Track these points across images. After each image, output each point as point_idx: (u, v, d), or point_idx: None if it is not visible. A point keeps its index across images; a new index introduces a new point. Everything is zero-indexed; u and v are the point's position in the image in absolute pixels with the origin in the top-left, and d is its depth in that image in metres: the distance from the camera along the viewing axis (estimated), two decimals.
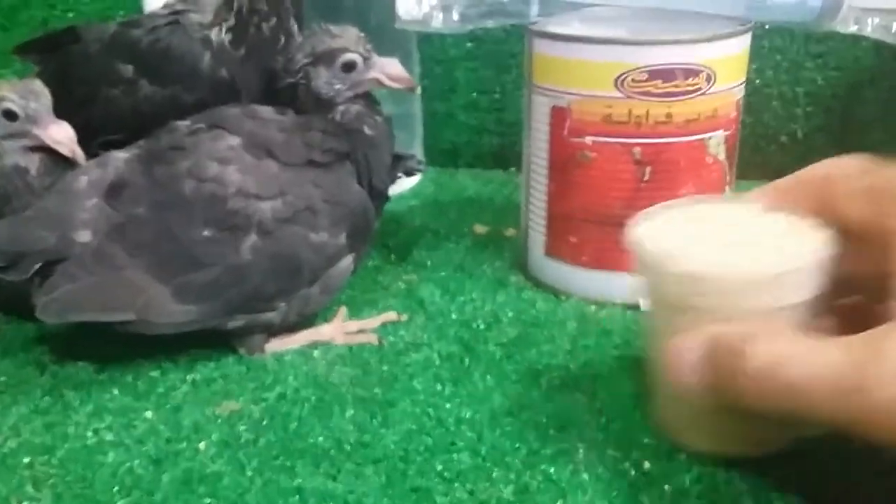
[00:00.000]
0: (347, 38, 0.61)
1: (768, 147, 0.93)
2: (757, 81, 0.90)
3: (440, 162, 1.05)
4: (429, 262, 0.77)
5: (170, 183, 0.57)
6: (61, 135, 0.62)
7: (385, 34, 0.93)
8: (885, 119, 0.89)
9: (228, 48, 0.65)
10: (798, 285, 0.42)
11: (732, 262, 0.42)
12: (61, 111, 0.64)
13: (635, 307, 0.66)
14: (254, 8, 0.65)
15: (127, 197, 0.57)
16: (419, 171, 0.78)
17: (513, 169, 1.03)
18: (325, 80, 0.61)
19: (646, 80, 0.61)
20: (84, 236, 0.56)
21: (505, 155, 1.04)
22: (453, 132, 1.05)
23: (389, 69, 0.62)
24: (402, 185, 0.93)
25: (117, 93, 0.67)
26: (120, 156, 0.60)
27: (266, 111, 0.61)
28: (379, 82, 0.62)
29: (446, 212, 0.90)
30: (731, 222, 0.47)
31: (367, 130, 0.62)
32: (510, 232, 0.82)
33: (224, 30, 0.65)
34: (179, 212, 0.57)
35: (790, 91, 0.91)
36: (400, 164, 0.74)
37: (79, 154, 0.62)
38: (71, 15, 0.85)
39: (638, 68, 0.61)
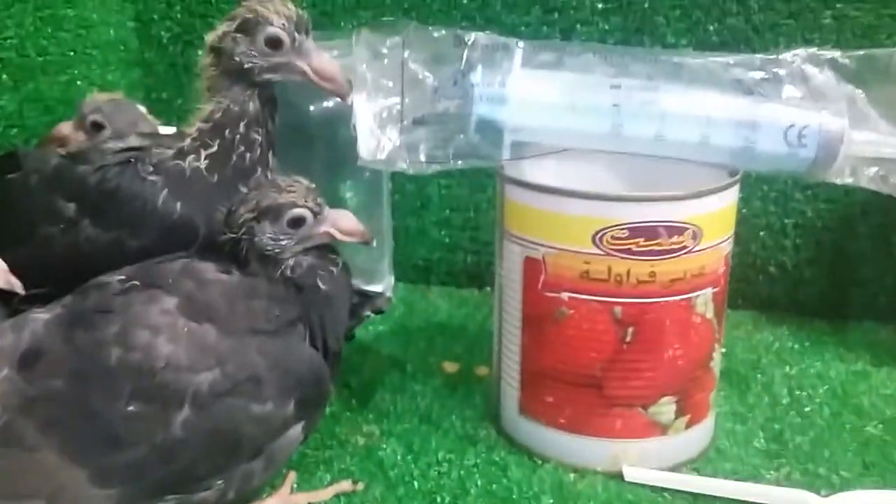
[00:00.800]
0: (297, 192, 0.55)
1: (756, 277, 0.89)
2: (744, 210, 0.85)
3: (411, 278, 1.00)
4: (392, 409, 0.71)
5: (93, 351, 0.50)
6: None
7: (354, 153, 0.89)
8: (877, 253, 0.85)
9: (199, 176, 0.59)
10: None
11: None
12: None
13: (617, 476, 0.60)
14: (248, 138, 0.60)
15: (42, 367, 0.50)
16: (385, 309, 0.72)
17: (488, 288, 0.98)
18: (270, 236, 0.55)
19: (626, 238, 0.56)
20: None
21: (480, 274, 0.98)
22: (425, 248, 1.00)
23: (342, 223, 0.57)
24: None
25: (55, 231, 0.60)
26: (39, 317, 0.53)
27: (209, 270, 0.55)
28: (330, 236, 0.57)
29: (415, 341, 0.84)
30: None
31: (321, 285, 0.56)
32: (482, 371, 0.76)
33: (203, 156, 0.60)
34: (102, 384, 0.50)
35: (778, 222, 0.86)
36: (368, 303, 0.68)
37: (15, 284, 0.56)
38: (15, 131, 0.79)
39: (618, 225, 0.56)
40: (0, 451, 0.48)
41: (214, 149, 0.60)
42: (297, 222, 0.55)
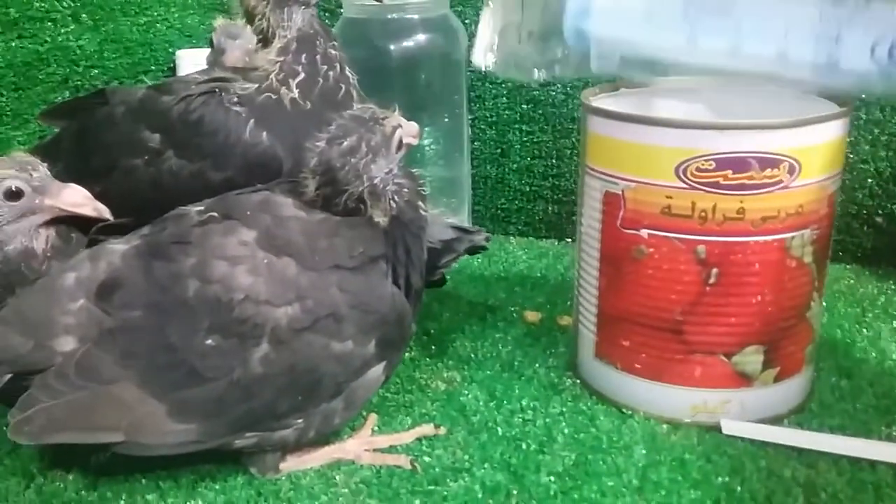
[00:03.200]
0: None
1: (861, 228, 0.83)
2: (851, 156, 0.80)
3: (489, 228, 0.97)
4: (473, 357, 0.68)
5: (170, 283, 0.49)
6: (77, 197, 0.55)
7: (434, 97, 0.87)
8: None
9: (292, 106, 0.59)
10: None
11: None
12: (77, 180, 0.57)
13: (715, 429, 0.57)
14: (328, 55, 0.60)
15: (120, 299, 0.49)
16: (485, 248, 0.70)
17: (568, 240, 0.94)
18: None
19: (713, 170, 0.52)
20: (66, 344, 0.49)
21: (561, 224, 0.95)
22: (505, 197, 0.97)
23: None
24: None
25: (139, 163, 0.60)
26: (116, 248, 0.52)
27: (287, 205, 0.53)
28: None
29: (495, 290, 0.82)
30: None
31: (419, 219, 0.54)
32: (565, 320, 0.73)
33: (294, 85, 0.59)
34: (179, 317, 0.49)
35: (889, 168, 0.80)
36: (466, 238, 0.66)
37: (103, 210, 0.56)
38: (95, 72, 0.79)
39: (703, 155, 0.52)
40: (77, 382, 0.48)
41: (302, 75, 0.59)
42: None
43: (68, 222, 0.57)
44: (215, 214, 0.52)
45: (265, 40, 0.61)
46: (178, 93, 0.59)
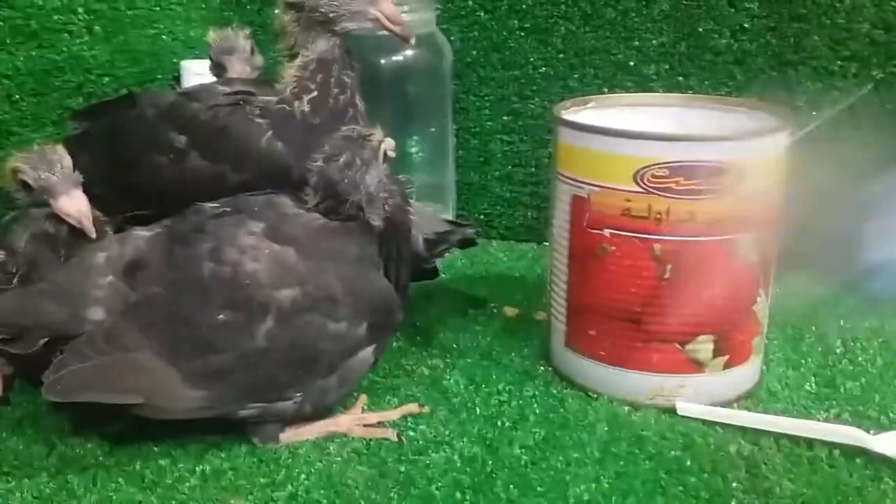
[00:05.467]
0: None
1: None
2: None
3: None
4: (455, 346, 0.74)
5: (188, 264, 0.56)
6: (71, 207, 0.60)
7: (421, 108, 0.93)
8: None
9: (303, 119, 0.65)
10: None
11: None
12: (104, 171, 0.63)
13: (670, 410, 0.63)
14: (341, 81, 0.66)
15: (144, 276, 0.56)
16: (476, 241, 0.76)
17: (546, 243, 1.00)
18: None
19: (666, 177, 0.58)
20: (96, 314, 0.55)
21: (539, 228, 1.01)
22: (487, 203, 1.03)
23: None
24: None
25: (164, 160, 0.66)
26: (142, 234, 0.58)
27: (288, 205, 0.60)
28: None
29: (476, 288, 0.88)
30: None
31: (407, 223, 0.61)
32: (540, 315, 0.79)
33: (306, 101, 0.65)
34: (195, 293, 0.55)
35: None
36: (458, 231, 0.73)
37: (87, 227, 0.60)
38: (106, 80, 0.85)
39: (658, 164, 0.58)
40: (105, 349, 0.54)
41: (315, 93, 0.65)
42: None
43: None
44: (228, 210, 0.58)
45: (291, 56, 0.67)
46: (205, 101, 0.66)
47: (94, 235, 0.60)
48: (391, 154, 0.62)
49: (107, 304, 0.55)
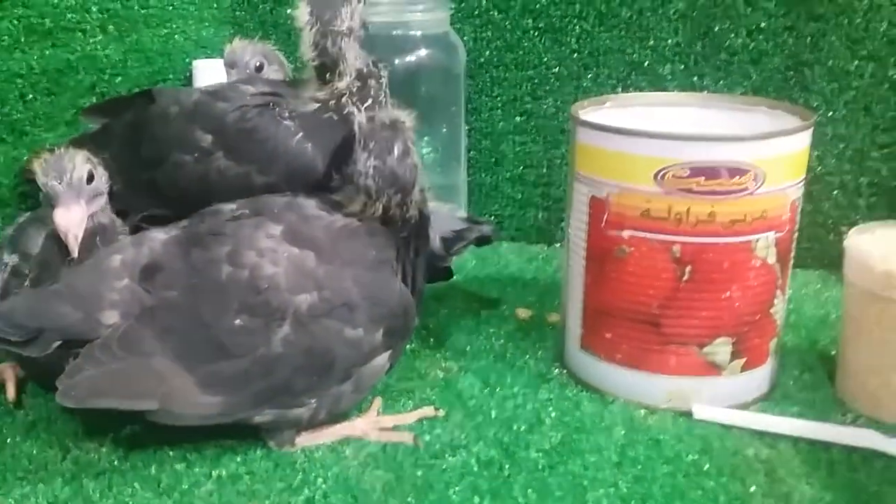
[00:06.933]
0: None
1: (827, 236, 0.89)
2: (819, 168, 0.86)
3: None
4: (468, 349, 0.74)
5: (206, 268, 0.55)
6: (62, 220, 0.58)
7: (433, 108, 0.93)
8: None
9: (336, 122, 0.65)
10: None
11: None
12: (124, 168, 0.63)
13: (687, 413, 0.63)
14: (383, 83, 0.67)
15: (160, 280, 0.55)
16: (492, 238, 0.76)
17: (557, 244, 1.00)
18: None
19: (687, 177, 0.58)
20: (111, 317, 0.54)
21: (550, 230, 1.01)
22: (498, 204, 1.03)
23: None
24: None
25: (189, 159, 0.65)
26: (158, 236, 0.58)
27: (310, 206, 0.59)
28: None
29: (488, 290, 0.87)
30: None
31: (427, 230, 0.61)
32: (553, 317, 0.79)
33: (362, 109, 0.65)
34: (213, 297, 0.54)
35: (853, 181, 0.87)
36: (476, 228, 0.72)
37: (71, 246, 0.58)
38: (119, 80, 0.85)
39: (678, 164, 0.57)
40: (120, 354, 0.53)
41: (370, 101, 0.66)
42: None
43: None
44: (247, 211, 0.58)
45: (323, 71, 0.66)
46: (232, 101, 0.65)
47: (75, 255, 0.58)
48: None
49: (122, 307, 0.54)
